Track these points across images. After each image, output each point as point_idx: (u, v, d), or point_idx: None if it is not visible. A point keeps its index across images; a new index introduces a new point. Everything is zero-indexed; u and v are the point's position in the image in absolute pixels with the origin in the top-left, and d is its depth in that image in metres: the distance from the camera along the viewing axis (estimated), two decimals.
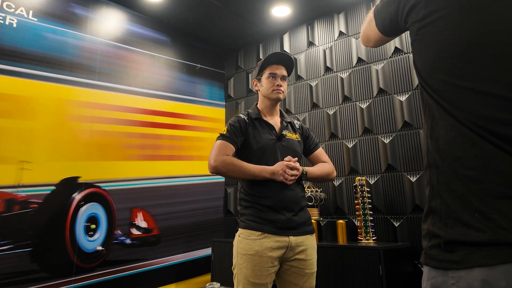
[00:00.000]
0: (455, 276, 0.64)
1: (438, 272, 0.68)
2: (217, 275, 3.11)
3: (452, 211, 0.66)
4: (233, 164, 1.70)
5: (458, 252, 0.64)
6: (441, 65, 0.72)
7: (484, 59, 0.67)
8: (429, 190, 0.74)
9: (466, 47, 0.69)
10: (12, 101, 2.44)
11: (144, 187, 3.13)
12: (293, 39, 3.68)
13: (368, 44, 1.07)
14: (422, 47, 0.77)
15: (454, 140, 0.69)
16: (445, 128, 0.71)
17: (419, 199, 2.63)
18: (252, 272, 1.60)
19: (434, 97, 0.74)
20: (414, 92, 2.80)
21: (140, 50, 3.33)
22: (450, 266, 0.65)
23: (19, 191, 2.38)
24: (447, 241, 0.66)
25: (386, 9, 0.90)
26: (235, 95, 4.05)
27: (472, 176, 0.65)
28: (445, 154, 0.70)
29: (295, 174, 1.69)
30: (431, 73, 0.74)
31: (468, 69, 0.68)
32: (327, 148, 3.19)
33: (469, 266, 0.62)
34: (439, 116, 0.72)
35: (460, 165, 0.67)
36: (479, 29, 0.68)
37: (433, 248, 0.70)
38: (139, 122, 3.18)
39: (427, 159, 0.76)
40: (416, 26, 0.77)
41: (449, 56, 0.71)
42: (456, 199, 0.66)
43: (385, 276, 2.22)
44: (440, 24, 0.72)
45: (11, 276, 2.28)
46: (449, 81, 0.70)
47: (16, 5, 2.55)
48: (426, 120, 0.77)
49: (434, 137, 0.73)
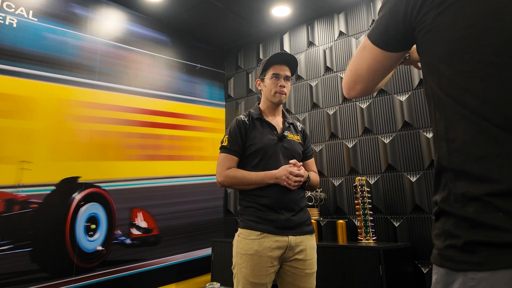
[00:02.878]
0: (476, 278, 0.60)
1: (456, 274, 0.64)
2: (217, 275, 3.11)
3: (472, 213, 0.63)
4: (235, 177, 1.73)
5: (480, 253, 0.60)
6: (467, 43, 0.67)
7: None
8: (445, 194, 0.69)
9: (493, 21, 0.65)
10: (12, 101, 2.44)
11: (144, 187, 3.12)
12: (293, 39, 3.68)
13: (356, 85, 0.88)
14: (441, 33, 0.71)
15: (474, 140, 0.64)
16: (462, 127, 0.66)
17: (419, 199, 2.63)
18: (251, 272, 1.60)
19: (450, 91, 0.69)
20: (414, 92, 2.80)
21: (140, 50, 3.33)
22: (471, 267, 0.61)
23: (19, 191, 2.38)
24: (467, 241, 0.62)
25: (388, 17, 0.82)
26: (235, 95, 4.05)
27: (495, 177, 0.61)
28: (464, 156, 0.66)
29: (299, 180, 1.70)
30: (454, 56, 0.69)
31: (497, 43, 0.65)
32: (327, 148, 3.20)
33: (494, 267, 0.58)
34: (454, 114, 0.68)
35: (481, 166, 0.63)
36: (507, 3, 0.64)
37: (449, 248, 0.65)
38: (139, 122, 3.18)
39: (439, 163, 0.71)
40: (431, 14, 0.72)
41: (475, 32, 0.67)
42: (477, 200, 0.62)
43: (385, 276, 2.22)
44: (461, 5, 0.69)
45: (11, 276, 2.28)
46: (477, 58, 0.66)
47: (16, 5, 2.55)
48: (437, 121, 0.73)
49: (449, 139, 0.69)
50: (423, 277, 2.52)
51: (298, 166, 1.72)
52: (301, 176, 1.70)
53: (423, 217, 2.60)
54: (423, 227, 2.59)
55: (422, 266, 2.54)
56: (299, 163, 1.73)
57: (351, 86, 0.89)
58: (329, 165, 3.15)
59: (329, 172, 3.14)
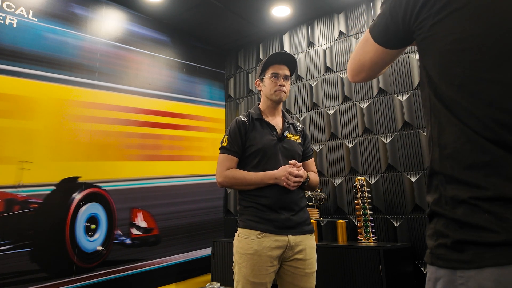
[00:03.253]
0: (464, 276, 0.62)
1: (445, 271, 0.66)
2: (217, 275, 3.11)
3: (461, 215, 0.65)
4: (235, 177, 1.74)
5: (468, 251, 0.63)
6: (459, 57, 0.69)
7: (508, 50, 0.65)
8: (437, 197, 0.72)
9: (488, 36, 0.66)
10: (12, 101, 2.44)
11: (144, 187, 3.13)
12: (293, 39, 3.68)
13: (360, 73, 0.94)
14: (436, 43, 0.73)
15: (463, 148, 0.67)
16: (453, 134, 0.69)
17: (419, 199, 2.63)
18: (251, 272, 1.61)
19: (443, 99, 0.71)
20: (414, 92, 2.80)
21: (140, 50, 3.33)
22: (459, 265, 0.64)
23: (19, 191, 2.39)
24: (456, 240, 0.65)
25: (388, 16, 0.84)
26: (235, 95, 4.05)
27: (483, 184, 0.63)
28: (454, 163, 0.68)
29: (298, 181, 1.70)
30: (446, 68, 0.71)
31: (489, 59, 0.66)
32: (327, 148, 3.20)
33: (480, 265, 0.61)
34: (447, 121, 0.70)
35: (470, 173, 0.65)
36: (505, 18, 0.66)
37: (440, 247, 0.68)
38: (139, 122, 3.18)
39: (431, 167, 0.74)
40: (428, 22, 0.74)
41: (468, 47, 0.68)
42: (465, 203, 0.65)
43: (385, 276, 2.22)
44: (458, 15, 0.69)
45: (11, 276, 2.28)
46: (467, 73, 0.68)
47: (16, 5, 2.55)
48: (432, 126, 0.76)
49: (441, 145, 0.71)
50: (423, 277, 2.52)
51: (298, 166, 1.72)
52: (300, 176, 1.70)
53: (423, 217, 2.60)
54: (423, 227, 2.59)
55: (422, 266, 2.54)
56: (298, 164, 1.73)
57: (355, 73, 0.96)
58: (329, 165, 3.15)
59: (329, 172, 3.14)
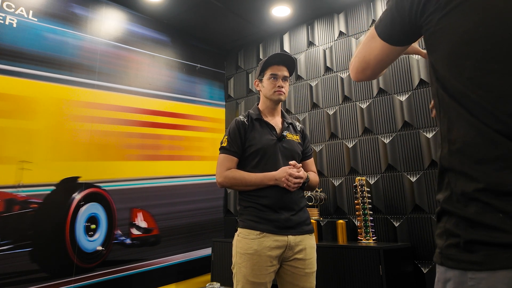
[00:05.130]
0: (475, 278, 0.60)
1: (456, 272, 0.64)
2: (217, 275, 3.11)
3: (473, 214, 0.63)
4: (234, 178, 1.74)
5: (480, 252, 0.60)
6: (469, 49, 0.68)
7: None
8: (448, 194, 0.69)
9: (498, 27, 0.65)
10: (12, 101, 2.44)
11: (144, 187, 3.13)
12: (293, 39, 3.68)
13: (365, 71, 0.92)
14: (445, 36, 0.71)
15: (474, 142, 0.65)
16: (463, 128, 0.67)
17: (419, 199, 2.63)
18: (251, 272, 1.61)
19: (452, 93, 0.70)
20: (414, 92, 2.80)
21: (140, 50, 3.33)
22: (470, 267, 0.61)
23: (19, 191, 2.39)
24: (467, 241, 0.63)
25: (394, 11, 0.83)
26: (235, 95, 4.05)
27: (494, 180, 0.61)
28: (464, 157, 0.66)
29: (299, 182, 1.70)
30: (455, 61, 0.69)
31: (500, 51, 0.65)
32: (327, 148, 3.19)
33: (492, 267, 0.58)
34: (456, 115, 0.69)
35: (482, 168, 0.63)
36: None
37: (450, 247, 0.66)
38: (139, 122, 3.18)
39: (441, 163, 0.72)
40: (437, 15, 0.72)
41: (478, 38, 0.67)
42: (477, 201, 0.63)
43: (385, 276, 2.22)
44: (468, 6, 0.68)
45: (11, 276, 2.28)
46: (477, 65, 0.66)
47: (16, 5, 2.55)
48: (441, 121, 0.74)
49: (450, 140, 0.70)
50: (423, 277, 2.51)
51: (298, 167, 1.72)
52: (300, 177, 1.71)
53: (423, 217, 2.60)
54: (423, 227, 2.58)
55: (422, 266, 2.54)
56: (298, 165, 1.73)
57: (359, 71, 0.94)
58: (329, 165, 3.15)
59: (329, 172, 3.14)
